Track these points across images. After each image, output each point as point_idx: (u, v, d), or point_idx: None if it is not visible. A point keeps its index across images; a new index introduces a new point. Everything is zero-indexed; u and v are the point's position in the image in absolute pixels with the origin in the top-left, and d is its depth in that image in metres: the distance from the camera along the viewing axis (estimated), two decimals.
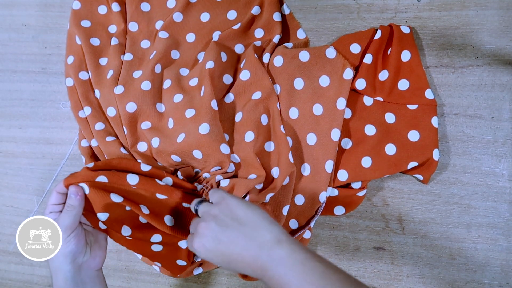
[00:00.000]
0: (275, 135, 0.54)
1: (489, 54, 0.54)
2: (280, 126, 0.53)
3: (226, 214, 0.41)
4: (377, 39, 0.54)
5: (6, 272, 0.64)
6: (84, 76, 0.60)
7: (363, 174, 0.53)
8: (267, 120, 0.55)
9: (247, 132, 0.54)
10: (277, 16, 0.58)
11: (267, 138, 0.55)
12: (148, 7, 0.63)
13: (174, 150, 0.53)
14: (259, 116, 0.54)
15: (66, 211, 0.46)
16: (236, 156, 0.54)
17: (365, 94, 0.55)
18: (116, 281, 0.60)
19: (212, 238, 0.40)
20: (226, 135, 0.55)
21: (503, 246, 0.52)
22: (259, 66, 0.55)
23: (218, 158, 0.52)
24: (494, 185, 0.53)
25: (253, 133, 0.53)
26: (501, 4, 0.54)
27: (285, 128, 0.54)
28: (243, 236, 0.39)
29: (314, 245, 0.56)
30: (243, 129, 0.54)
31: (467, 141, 0.54)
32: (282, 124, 0.54)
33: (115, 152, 0.55)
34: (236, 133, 0.55)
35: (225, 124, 0.55)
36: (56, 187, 0.47)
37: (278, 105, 0.55)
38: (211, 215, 0.42)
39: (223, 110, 0.56)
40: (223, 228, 0.40)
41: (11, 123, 0.65)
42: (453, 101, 0.54)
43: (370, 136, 0.53)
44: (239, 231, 0.40)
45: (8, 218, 0.64)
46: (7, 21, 0.67)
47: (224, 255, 0.40)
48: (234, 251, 0.39)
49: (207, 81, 0.54)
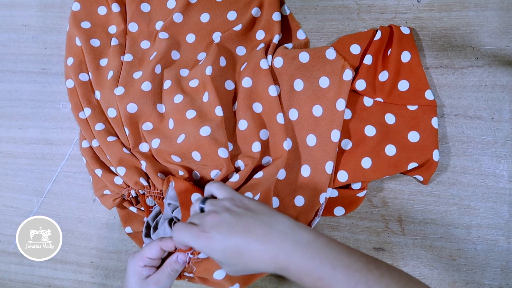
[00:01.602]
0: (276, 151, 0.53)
1: (489, 55, 0.54)
2: (283, 142, 0.52)
3: (238, 206, 0.38)
4: (377, 40, 0.54)
5: (6, 272, 0.64)
6: (84, 78, 0.60)
7: (363, 175, 0.53)
8: (267, 136, 0.54)
9: (254, 142, 0.53)
10: (276, 16, 0.58)
11: (267, 153, 0.54)
12: (148, 7, 0.63)
13: (174, 150, 0.53)
14: (259, 130, 0.54)
15: (170, 275, 0.43)
16: (242, 163, 0.52)
17: (365, 95, 0.55)
18: (116, 281, 0.61)
19: (226, 228, 0.36)
20: (230, 144, 0.54)
21: (503, 247, 0.52)
22: (261, 74, 0.55)
23: (216, 161, 0.51)
24: (494, 186, 0.53)
25: (259, 143, 0.53)
26: (501, 5, 0.54)
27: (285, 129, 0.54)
28: (260, 222, 0.36)
29: None
30: (250, 140, 0.53)
31: (467, 142, 0.54)
32: (286, 140, 0.53)
33: (118, 153, 0.55)
34: (241, 141, 0.54)
35: (229, 132, 0.55)
36: (163, 244, 0.44)
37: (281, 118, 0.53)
38: (222, 206, 0.39)
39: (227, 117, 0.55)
40: (237, 217, 0.37)
41: (11, 124, 0.65)
42: (453, 102, 0.54)
43: (370, 137, 0.53)
44: (255, 219, 0.37)
45: (8, 218, 0.64)
46: (7, 21, 0.67)
47: (237, 247, 0.36)
48: (250, 240, 0.35)
49: (210, 87, 0.54)
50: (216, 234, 0.36)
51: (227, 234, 0.36)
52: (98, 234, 0.61)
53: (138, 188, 0.54)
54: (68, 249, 0.61)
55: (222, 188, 0.42)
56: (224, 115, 0.53)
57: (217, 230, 0.36)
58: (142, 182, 0.53)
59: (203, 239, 0.36)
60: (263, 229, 0.36)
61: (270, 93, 0.54)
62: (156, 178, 0.53)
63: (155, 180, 0.53)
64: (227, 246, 0.36)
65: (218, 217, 0.37)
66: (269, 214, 0.37)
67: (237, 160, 0.53)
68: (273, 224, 0.36)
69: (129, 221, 0.58)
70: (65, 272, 0.62)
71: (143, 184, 0.53)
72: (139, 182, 0.53)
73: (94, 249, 0.61)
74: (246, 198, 0.40)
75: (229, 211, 0.38)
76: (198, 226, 0.38)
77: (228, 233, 0.36)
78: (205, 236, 0.36)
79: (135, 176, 0.53)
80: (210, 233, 0.36)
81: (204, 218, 0.38)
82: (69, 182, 0.62)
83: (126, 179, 0.54)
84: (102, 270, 0.61)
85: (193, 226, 0.39)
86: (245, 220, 0.36)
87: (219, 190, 0.42)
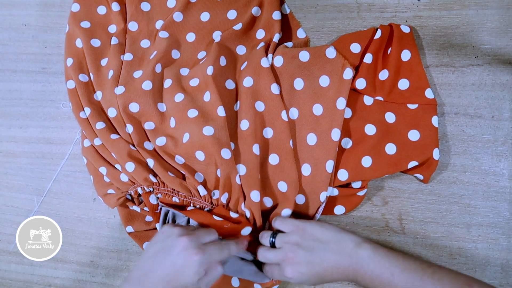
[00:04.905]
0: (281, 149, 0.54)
1: (489, 53, 0.54)
2: (290, 141, 0.53)
3: (307, 239, 0.46)
4: (377, 39, 0.54)
5: (6, 272, 0.64)
6: (84, 79, 0.60)
7: (363, 173, 0.53)
8: (272, 133, 0.54)
9: (254, 144, 0.53)
10: (276, 15, 0.58)
11: (272, 150, 0.54)
12: (148, 6, 0.63)
13: (178, 150, 0.53)
14: (262, 129, 0.54)
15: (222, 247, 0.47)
16: (243, 167, 0.53)
17: (365, 94, 0.55)
18: (116, 281, 0.61)
19: (306, 264, 0.45)
20: (232, 144, 0.54)
21: (504, 245, 0.52)
22: (262, 73, 0.55)
23: (219, 162, 0.51)
24: (494, 184, 0.53)
25: (258, 146, 0.53)
26: (501, 4, 0.54)
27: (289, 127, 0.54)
28: (331, 252, 0.45)
29: None
30: (251, 140, 0.53)
31: (467, 140, 0.54)
32: (292, 139, 0.54)
33: (125, 148, 0.54)
34: (242, 141, 0.54)
35: (230, 132, 0.55)
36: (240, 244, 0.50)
37: (285, 115, 0.54)
38: (294, 243, 0.46)
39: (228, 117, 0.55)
40: (311, 252, 0.45)
41: (11, 123, 0.65)
42: (453, 100, 0.54)
43: (370, 135, 0.53)
44: (326, 250, 0.45)
45: (8, 218, 0.64)
46: (7, 20, 0.67)
47: (319, 274, 0.45)
48: (327, 267, 0.44)
49: (212, 87, 0.54)
50: (300, 270, 0.45)
51: (307, 268, 0.45)
52: (98, 233, 0.61)
53: (147, 184, 0.54)
54: (68, 248, 0.61)
55: (285, 223, 0.49)
56: (226, 115, 0.53)
57: (299, 267, 0.45)
58: (152, 179, 0.53)
59: (290, 275, 0.45)
60: (335, 257, 0.44)
61: (272, 91, 0.54)
62: (167, 176, 0.52)
63: (165, 178, 0.53)
64: (308, 277, 0.45)
65: (295, 256, 0.45)
66: (335, 241, 0.45)
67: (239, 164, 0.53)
68: (340, 250, 0.44)
69: (130, 220, 0.58)
70: (65, 271, 0.62)
71: (152, 181, 0.53)
72: (148, 179, 0.53)
73: (94, 248, 0.61)
74: (310, 226, 0.47)
75: (301, 246, 0.46)
76: (281, 266, 0.47)
77: (308, 268, 0.45)
78: (291, 272, 0.45)
79: (144, 173, 0.53)
80: (296, 270, 0.45)
81: (282, 257, 0.46)
82: (69, 181, 0.62)
83: (136, 175, 0.53)
84: (102, 269, 0.61)
85: (277, 266, 0.48)
86: (318, 253, 0.45)
87: (284, 225, 0.49)
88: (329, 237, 0.46)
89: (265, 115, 0.55)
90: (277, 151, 0.54)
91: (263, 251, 0.49)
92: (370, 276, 0.43)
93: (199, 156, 0.53)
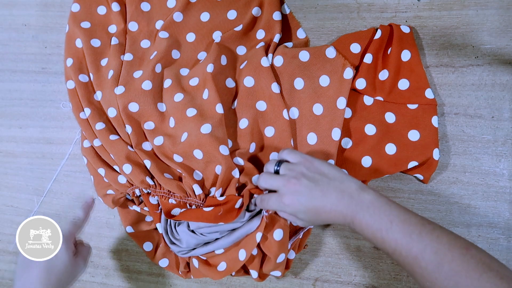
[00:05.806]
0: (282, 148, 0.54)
1: (489, 53, 0.54)
2: (291, 139, 0.53)
3: (313, 171, 0.45)
4: (377, 39, 0.54)
5: (6, 272, 0.64)
6: (84, 79, 0.60)
7: (363, 173, 0.53)
8: (273, 132, 0.55)
9: (252, 143, 0.54)
10: (277, 16, 0.58)
11: (274, 149, 0.55)
12: (148, 6, 0.63)
13: (177, 149, 0.53)
14: (264, 128, 0.54)
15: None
16: (240, 160, 0.53)
17: (365, 94, 0.55)
18: (116, 280, 0.61)
19: (307, 194, 0.43)
20: (229, 141, 0.54)
21: (503, 245, 0.52)
22: (263, 72, 0.55)
23: (218, 158, 0.51)
24: (494, 184, 0.53)
25: (255, 144, 0.54)
26: (501, 4, 0.54)
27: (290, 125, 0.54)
28: (334, 189, 0.43)
29: (314, 245, 0.56)
30: (249, 138, 0.54)
31: (467, 140, 0.54)
32: (293, 138, 0.54)
33: (123, 150, 0.55)
34: (240, 139, 0.55)
35: (229, 130, 0.55)
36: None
37: (286, 114, 0.54)
38: (299, 172, 0.45)
39: (227, 115, 0.55)
40: (314, 183, 0.44)
41: (11, 123, 0.65)
42: (453, 100, 0.54)
43: (370, 135, 0.53)
44: (330, 185, 0.43)
45: (8, 218, 0.64)
46: (7, 21, 0.67)
47: (316, 208, 0.43)
48: (327, 203, 0.43)
49: (210, 85, 0.54)
50: (300, 199, 0.44)
51: (307, 198, 0.43)
52: (98, 233, 0.61)
53: (144, 187, 0.54)
54: None
55: (294, 153, 0.47)
56: (224, 113, 0.54)
57: (300, 196, 0.44)
58: (148, 181, 0.53)
59: (288, 202, 0.44)
60: (336, 194, 0.43)
61: (273, 90, 0.54)
62: (163, 178, 0.53)
63: (161, 180, 0.53)
64: (305, 208, 0.44)
65: (298, 184, 0.44)
66: (340, 179, 0.44)
67: (235, 157, 0.53)
68: (343, 188, 0.43)
69: (130, 220, 0.58)
70: None
71: (149, 183, 0.53)
72: (145, 181, 0.53)
73: (94, 248, 0.61)
74: (318, 161, 0.46)
75: (305, 176, 0.44)
76: (279, 192, 0.45)
77: (308, 199, 0.43)
78: (289, 200, 0.44)
79: (141, 175, 0.53)
80: (295, 198, 0.44)
81: (283, 184, 0.45)
82: (69, 181, 0.62)
83: (132, 177, 0.54)
84: (102, 269, 0.61)
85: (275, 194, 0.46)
86: (322, 186, 0.43)
87: (292, 155, 0.47)
88: (335, 175, 0.44)
89: (266, 114, 0.55)
90: (279, 150, 0.54)
91: (265, 176, 0.48)
92: (368, 221, 0.41)
93: (197, 155, 0.53)
